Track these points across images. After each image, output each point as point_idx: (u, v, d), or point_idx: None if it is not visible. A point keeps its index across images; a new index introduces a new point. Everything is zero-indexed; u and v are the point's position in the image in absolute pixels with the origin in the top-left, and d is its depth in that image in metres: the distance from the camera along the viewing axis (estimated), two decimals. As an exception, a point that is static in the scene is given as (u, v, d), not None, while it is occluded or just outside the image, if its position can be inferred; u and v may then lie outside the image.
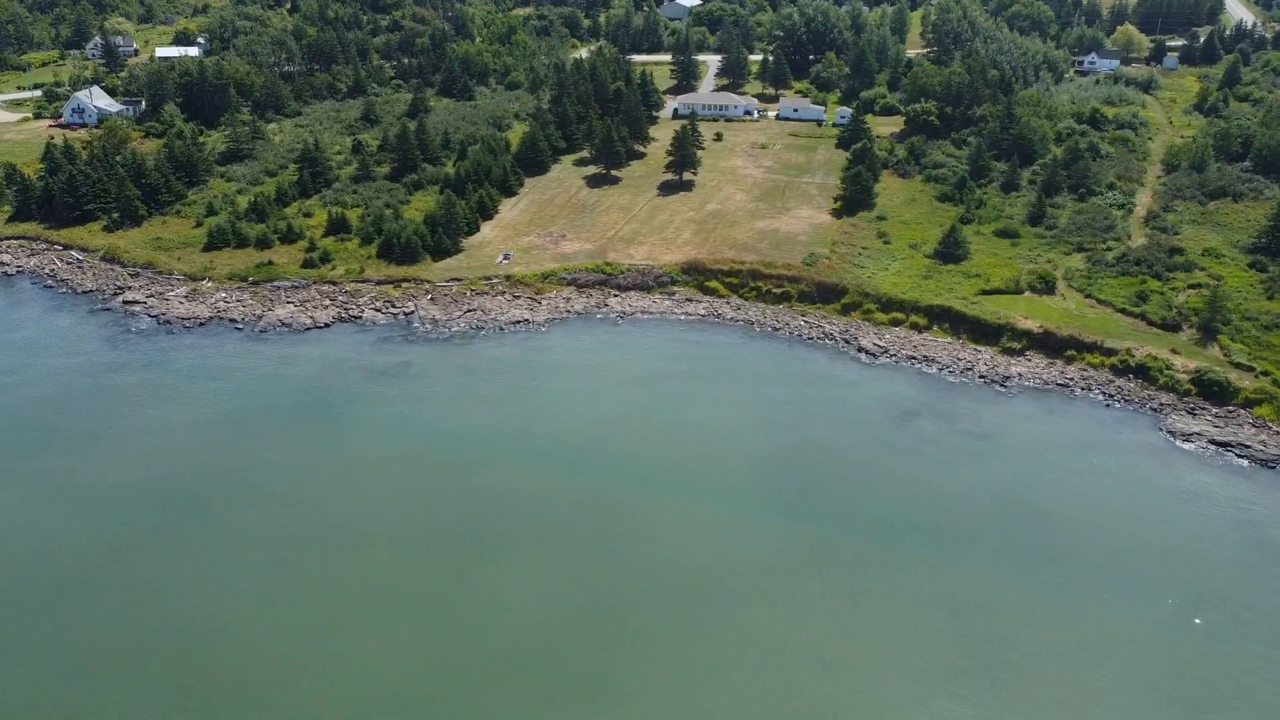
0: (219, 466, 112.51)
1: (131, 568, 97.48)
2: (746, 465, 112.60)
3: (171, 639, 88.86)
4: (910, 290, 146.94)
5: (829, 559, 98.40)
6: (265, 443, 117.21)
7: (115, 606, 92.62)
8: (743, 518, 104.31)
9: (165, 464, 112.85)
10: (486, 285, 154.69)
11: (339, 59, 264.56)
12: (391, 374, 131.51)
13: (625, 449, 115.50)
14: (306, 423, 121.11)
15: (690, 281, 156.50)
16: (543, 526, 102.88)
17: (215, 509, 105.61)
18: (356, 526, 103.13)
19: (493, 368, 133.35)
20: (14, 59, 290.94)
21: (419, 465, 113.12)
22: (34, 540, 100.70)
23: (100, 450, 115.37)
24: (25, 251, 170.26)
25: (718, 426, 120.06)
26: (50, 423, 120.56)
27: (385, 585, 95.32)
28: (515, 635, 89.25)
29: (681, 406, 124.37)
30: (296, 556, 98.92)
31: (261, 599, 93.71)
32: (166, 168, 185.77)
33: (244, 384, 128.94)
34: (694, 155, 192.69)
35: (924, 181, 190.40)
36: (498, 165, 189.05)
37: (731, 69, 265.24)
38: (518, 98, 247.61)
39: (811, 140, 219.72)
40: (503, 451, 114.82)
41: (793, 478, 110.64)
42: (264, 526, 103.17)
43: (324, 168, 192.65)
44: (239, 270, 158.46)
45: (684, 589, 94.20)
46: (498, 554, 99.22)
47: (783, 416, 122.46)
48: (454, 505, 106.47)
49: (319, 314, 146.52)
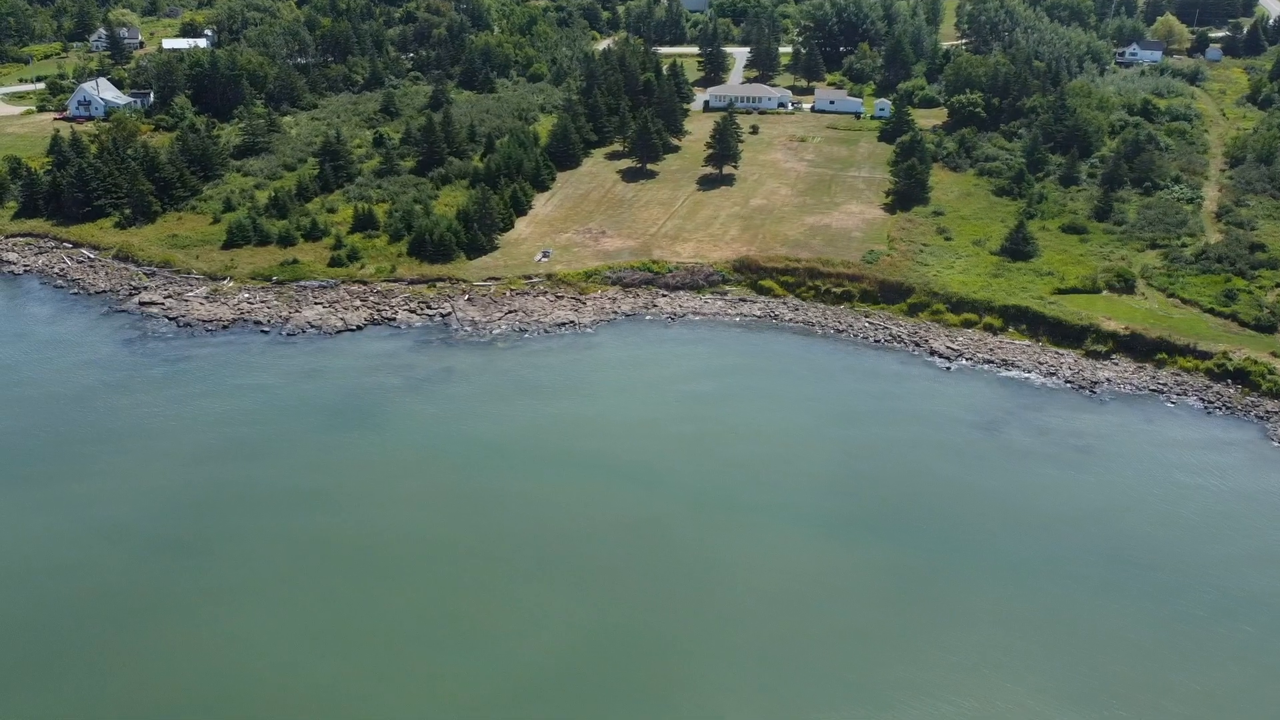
0: (246, 480, 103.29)
1: (147, 589, 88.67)
2: (818, 481, 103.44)
3: (190, 666, 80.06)
4: (981, 289, 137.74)
5: (915, 587, 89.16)
6: (296, 455, 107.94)
7: (129, 629, 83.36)
8: (813, 539, 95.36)
9: (187, 477, 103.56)
10: (527, 285, 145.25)
11: (354, 50, 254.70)
12: (432, 381, 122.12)
13: (684, 463, 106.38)
14: (341, 433, 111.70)
15: (742, 281, 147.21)
16: (591, 546, 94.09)
17: (242, 526, 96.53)
18: (394, 545, 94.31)
19: (539, 374, 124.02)
20: (14, 51, 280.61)
21: (462, 479, 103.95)
22: (42, 559, 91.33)
23: (117, 463, 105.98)
24: (33, 250, 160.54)
25: (784, 438, 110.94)
26: (64, 432, 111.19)
27: (421, 609, 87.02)
28: (558, 664, 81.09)
29: (744, 416, 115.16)
30: (328, 577, 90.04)
31: (288, 620, 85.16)
32: (180, 161, 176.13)
33: (272, 391, 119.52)
34: (735, 148, 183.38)
35: (977, 175, 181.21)
36: (529, 159, 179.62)
37: (760, 61, 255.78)
38: (542, 90, 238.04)
39: (851, 133, 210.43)
40: (553, 465, 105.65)
41: (870, 494, 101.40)
42: (294, 544, 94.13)
43: (346, 161, 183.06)
44: (262, 269, 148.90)
45: (747, 618, 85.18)
46: (543, 575, 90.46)
47: (856, 427, 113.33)
48: (498, 523, 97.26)
49: (350, 316, 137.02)
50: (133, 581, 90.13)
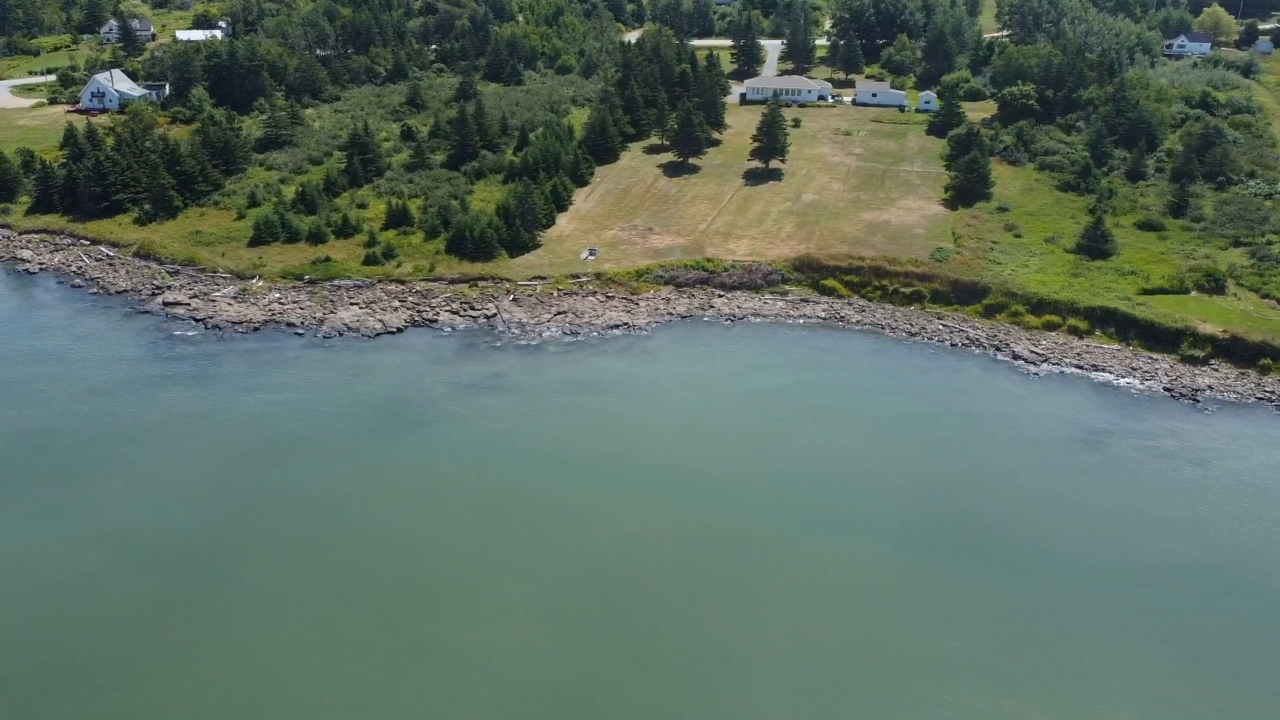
0: (280, 494, 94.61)
1: (166, 603, 79.64)
2: (902, 497, 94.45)
3: (215, 684, 72.49)
4: (1062, 290, 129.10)
5: (1016, 621, 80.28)
6: (336, 467, 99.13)
7: (148, 643, 74.76)
8: (896, 561, 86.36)
9: (218, 493, 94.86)
10: (574, 284, 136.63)
11: (376, 41, 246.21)
12: (482, 387, 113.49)
13: (754, 476, 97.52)
14: (385, 443, 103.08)
15: (803, 280, 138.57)
16: (651, 567, 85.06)
17: (273, 542, 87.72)
18: (440, 561, 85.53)
19: (595, 379, 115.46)
20: (23, 43, 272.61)
21: (518, 493, 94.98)
22: (59, 568, 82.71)
23: (143, 477, 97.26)
24: (48, 247, 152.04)
25: (862, 449, 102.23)
26: (86, 439, 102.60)
27: (467, 629, 77.67)
28: (608, 687, 72.29)
29: (817, 425, 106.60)
30: (366, 595, 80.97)
31: (323, 639, 76.31)
32: (202, 154, 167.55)
33: (310, 399, 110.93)
34: (783, 142, 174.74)
35: (1037, 170, 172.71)
36: (566, 152, 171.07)
37: (795, 53, 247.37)
38: (571, 82, 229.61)
39: (897, 126, 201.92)
40: (613, 478, 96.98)
41: (961, 511, 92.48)
42: (330, 563, 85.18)
43: (375, 155, 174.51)
44: (293, 267, 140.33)
45: (819, 644, 76.59)
46: (598, 594, 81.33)
47: (940, 437, 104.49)
48: (552, 539, 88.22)
49: (389, 317, 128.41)
50: (153, 595, 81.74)
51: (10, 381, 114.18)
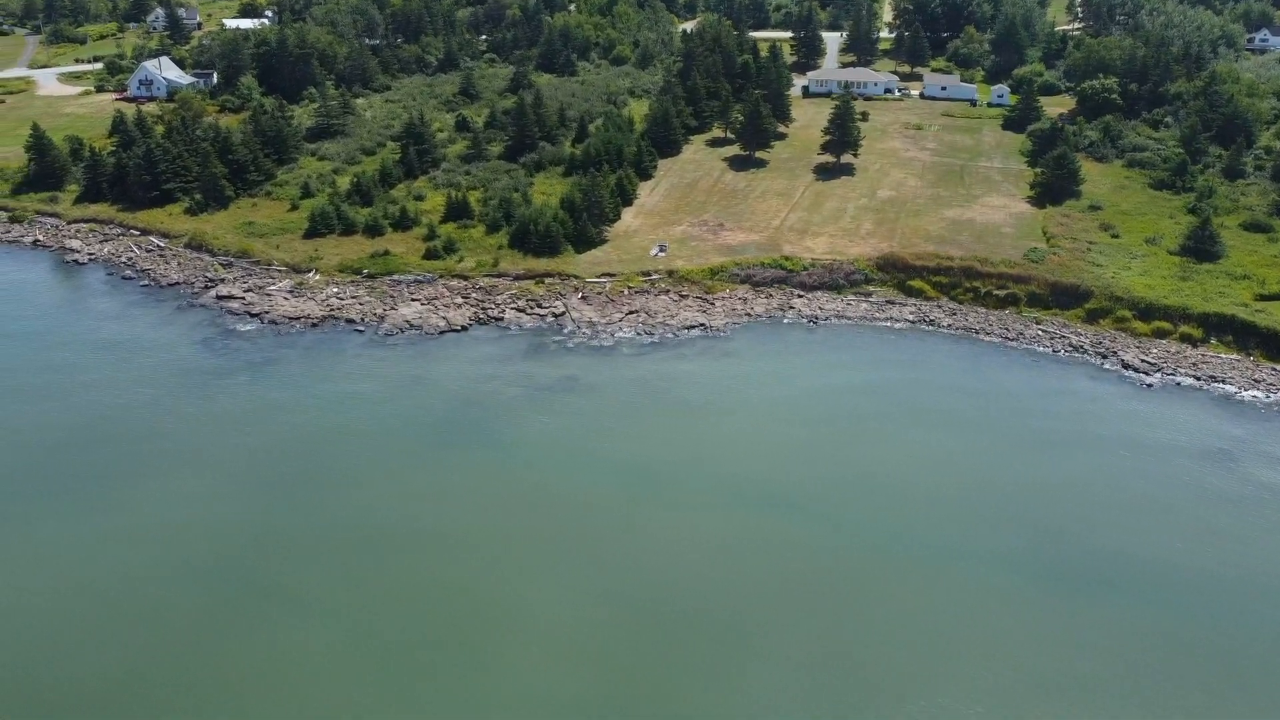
0: (343, 509, 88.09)
1: (211, 635, 73.30)
2: (1014, 520, 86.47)
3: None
4: (1171, 294, 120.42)
5: (1160, 651, 72.46)
6: (403, 478, 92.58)
7: (184, 681, 68.56)
8: (1019, 588, 78.54)
9: (276, 503, 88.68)
10: (646, 282, 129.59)
11: (426, 31, 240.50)
12: (554, 391, 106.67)
13: (850, 494, 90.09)
14: (455, 451, 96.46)
15: (888, 280, 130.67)
16: (751, 600, 77.53)
17: (336, 567, 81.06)
18: (514, 592, 78.35)
19: (674, 384, 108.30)
20: (70, 30, 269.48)
21: (598, 508, 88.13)
22: (104, 586, 76.71)
23: (196, 479, 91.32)
24: (97, 237, 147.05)
25: (966, 466, 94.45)
26: (137, 441, 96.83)
27: (544, 680, 70.65)
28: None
29: (912, 439, 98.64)
30: (436, 634, 74.27)
31: (367, 667, 69.63)
32: (254, 143, 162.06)
33: (373, 401, 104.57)
34: (856, 135, 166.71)
35: (1125, 167, 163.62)
36: (629, 144, 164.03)
37: (858, 45, 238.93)
38: (627, 73, 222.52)
39: (970, 120, 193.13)
40: (701, 493, 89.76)
41: (1085, 539, 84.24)
42: (396, 593, 78.47)
43: (430, 145, 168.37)
44: (350, 261, 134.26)
45: (940, 684, 68.91)
46: (693, 635, 74.09)
47: (1052, 454, 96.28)
48: (637, 566, 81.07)
49: (452, 314, 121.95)
50: (201, 600, 76.15)
51: (61, 376, 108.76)
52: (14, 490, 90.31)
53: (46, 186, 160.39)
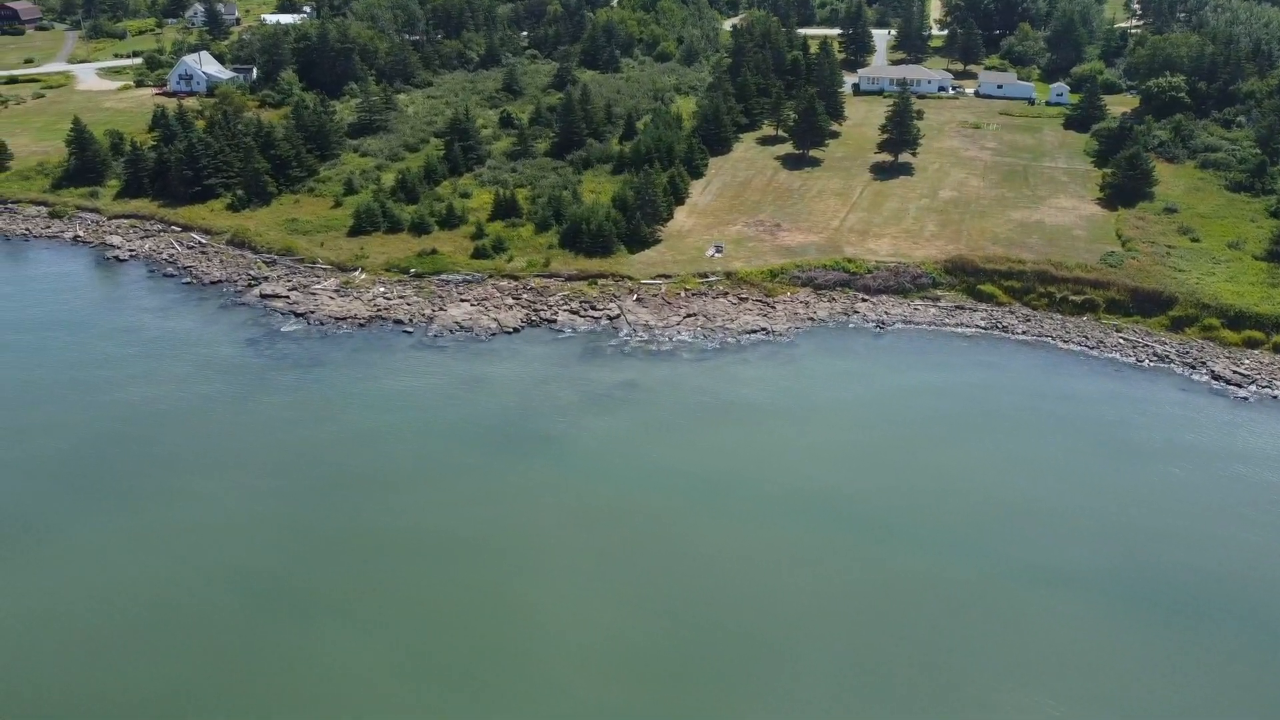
0: (392, 518, 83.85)
1: (251, 653, 68.98)
2: (1106, 541, 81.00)
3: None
4: (1261, 301, 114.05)
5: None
6: (456, 487, 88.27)
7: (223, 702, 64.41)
8: (1119, 621, 72.91)
9: (321, 512, 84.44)
10: (703, 284, 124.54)
11: (468, 26, 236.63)
12: (612, 397, 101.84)
13: (928, 513, 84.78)
14: (510, 459, 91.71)
15: (956, 284, 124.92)
16: (829, 626, 72.52)
17: (382, 579, 76.94)
18: (572, 618, 73.65)
19: (739, 391, 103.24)
20: (109, 26, 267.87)
21: (664, 523, 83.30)
22: (131, 603, 72.60)
23: (242, 488, 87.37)
24: (138, 233, 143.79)
25: (1053, 481, 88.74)
26: (179, 448, 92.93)
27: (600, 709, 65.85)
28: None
29: (991, 454, 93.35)
30: (489, 655, 69.59)
31: (414, 685, 65.09)
32: (297, 139, 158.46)
33: (424, 405, 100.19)
34: (915, 134, 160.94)
35: (1198, 168, 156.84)
36: (679, 142, 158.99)
37: (907, 42, 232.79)
38: (672, 70, 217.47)
39: (1030, 120, 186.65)
40: (770, 507, 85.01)
41: (1180, 562, 78.56)
42: (447, 609, 74.12)
43: (476, 141, 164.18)
44: (397, 260, 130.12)
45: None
46: (754, 683, 68.95)
47: (1145, 472, 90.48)
48: (706, 588, 76.17)
49: (503, 315, 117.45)
50: (236, 632, 71.73)
51: (102, 375, 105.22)
52: (52, 491, 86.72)
53: (87, 181, 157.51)
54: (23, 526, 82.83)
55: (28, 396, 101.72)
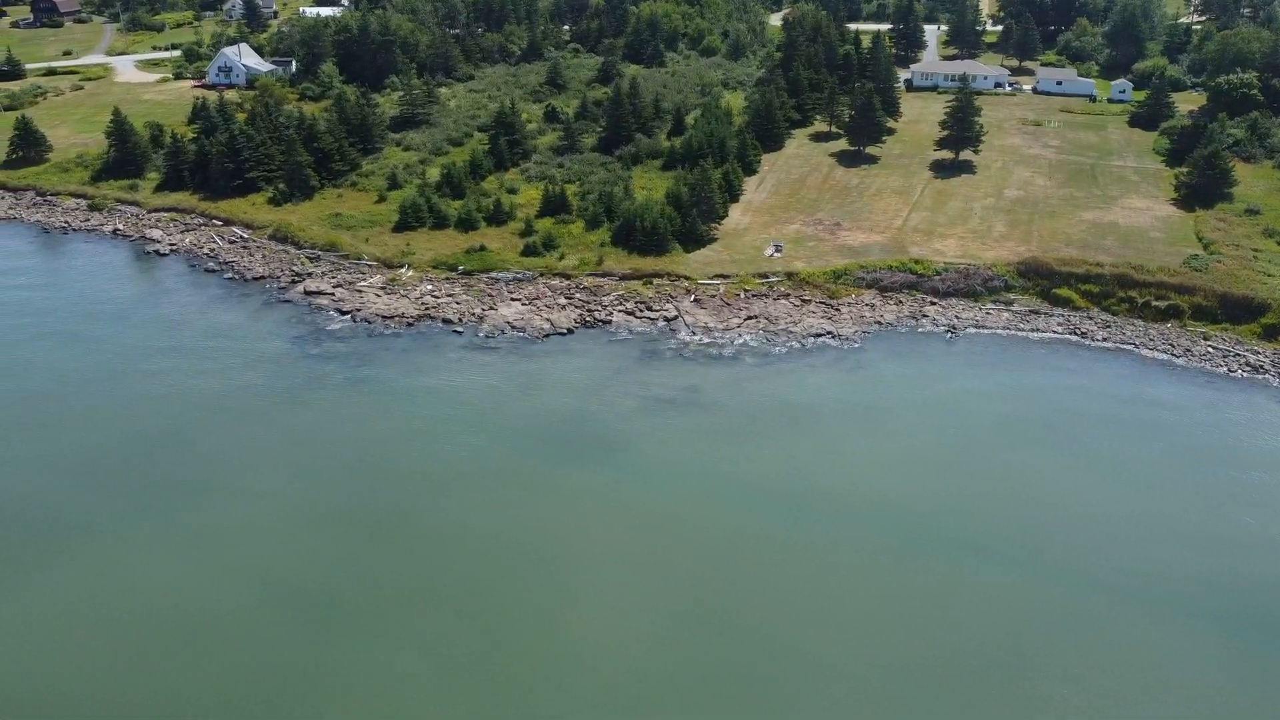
0: (447, 532, 79.39)
1: (295, 668, 64.42)
2: (1215, 569, 75.15)
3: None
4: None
5: None
6: (513, 495, 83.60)
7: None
8: (1246, 658, 67.23)
9: (370, 517, 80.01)
10: (763, 284, 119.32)
11: (509, 19, 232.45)
12: (676, 403, 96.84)
13: (1016, 533, 79.27)
14: (569, 468, 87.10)
15: (1030, 287, 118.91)
16: (917, 660, 67.17)
17: (438, 598, 72.26)
18: (626, 642, 68.68)
19: (805, 398, 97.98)
20: (147, 18, 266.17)
21: (733, 540, 78.26)
22: (181, 615, 68.41)
23: (288, 495, 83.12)
24: (178, 226, 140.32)
25: (1146, 506, 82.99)
26: (224, 451, 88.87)
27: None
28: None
29: (1082, 468, 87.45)
30: (544, 675, 64.78)
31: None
32: (340, 131, 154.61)
33: (478, 410, 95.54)
34: (977, 131, 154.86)
35: (1276, 167, 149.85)
36: (731, 137, 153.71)
37: (960, 37, 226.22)
38: (719, 64, 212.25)
39: (1093, 117, 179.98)
40: (848, 527, 79.64)
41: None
42: (503, 631, 69.36)
43: (521, 136, 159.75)
44: (444, 256, 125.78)
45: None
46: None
47: (1251, 490, 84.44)
48: (778, 613, 71.19)
49: (556, 316, 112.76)
50: (289, 631, 67.72)
51: (144, 375, 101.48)
52: (92, 488, 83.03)
53: (126, 174, 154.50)
54: (64, 525, 79.19)
55: (69, 392, 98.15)
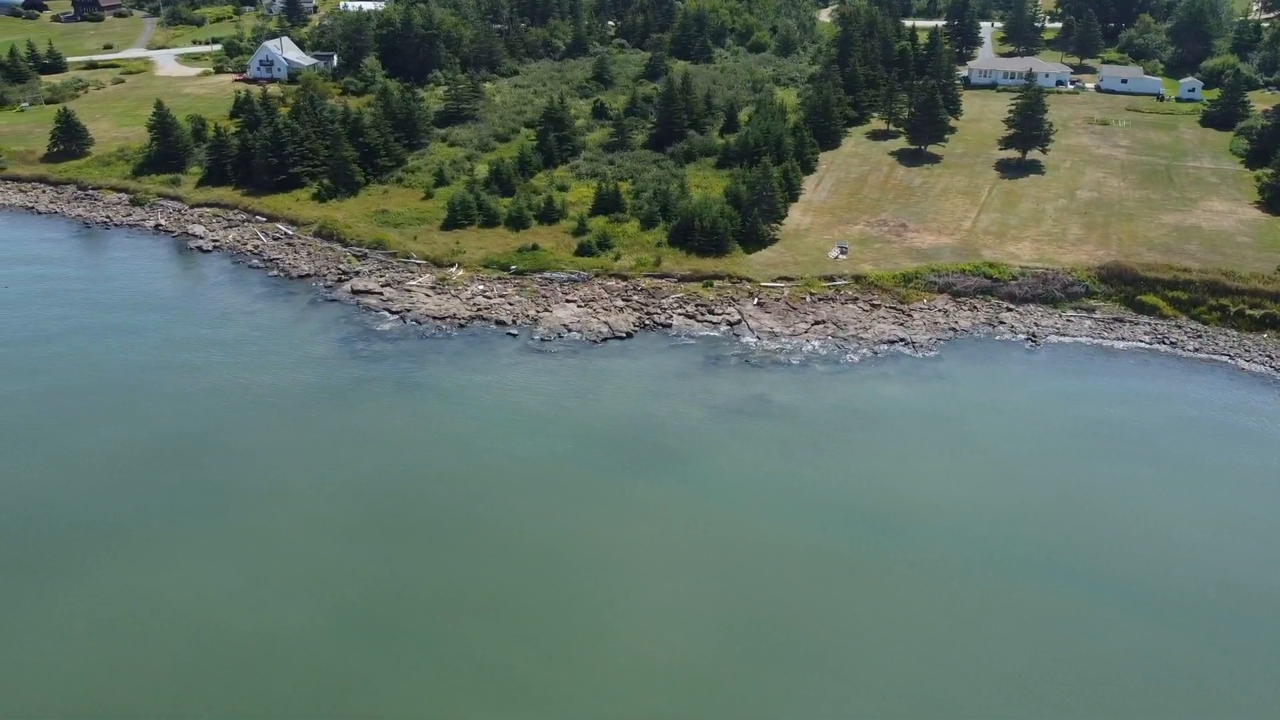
0: (504, 550, 74.52)
1: (333, 693, 60.00)
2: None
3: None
4: None
5: None
6: (577, 508, 78.94)
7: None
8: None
9: (423, 533, 75.45)
10: (829, 288, 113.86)
11: (553, 14, 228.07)
12: (745, 413, 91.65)
13: (1123, 564, 73.48)
14: (635, 480, 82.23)
15: (1113, 294, 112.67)
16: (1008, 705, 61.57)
17: (494, 620, 67.41)
18: (700, 662, 63.53)
19: (880, 409, 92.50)
20: (187, 13, 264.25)
21: (804, 572, 73.10)
22: (229, 633, 64.04)
23: (338, 506, 78.70)
24: (221, 222, 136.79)
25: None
26: (273, 457, 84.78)
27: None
28: None
29: (1189, 491, 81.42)
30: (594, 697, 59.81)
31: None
32: (385, 126, 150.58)
33: (536, 418, 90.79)
34: (1046, 130, 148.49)
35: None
36: (790, 135, 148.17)
37: (1018, 34, 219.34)
38: (768, 60, 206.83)
39: (1163, 116, 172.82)
40: (937, 555, 74.20)
41: None
42: (557, 652, 64.51)
43: (571, 132, 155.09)
44: (495, 255, 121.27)
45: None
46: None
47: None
48: (866, 664, 65.87)
49: (614, 318, 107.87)
50: (331, 671, 62.80)
51: (189, 375, 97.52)
52: (133, 490, 78.85)
53: (168, 168, 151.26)
54: (104, 528, 75.49)
55: (112, 392, 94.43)
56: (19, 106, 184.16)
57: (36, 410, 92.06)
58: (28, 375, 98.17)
